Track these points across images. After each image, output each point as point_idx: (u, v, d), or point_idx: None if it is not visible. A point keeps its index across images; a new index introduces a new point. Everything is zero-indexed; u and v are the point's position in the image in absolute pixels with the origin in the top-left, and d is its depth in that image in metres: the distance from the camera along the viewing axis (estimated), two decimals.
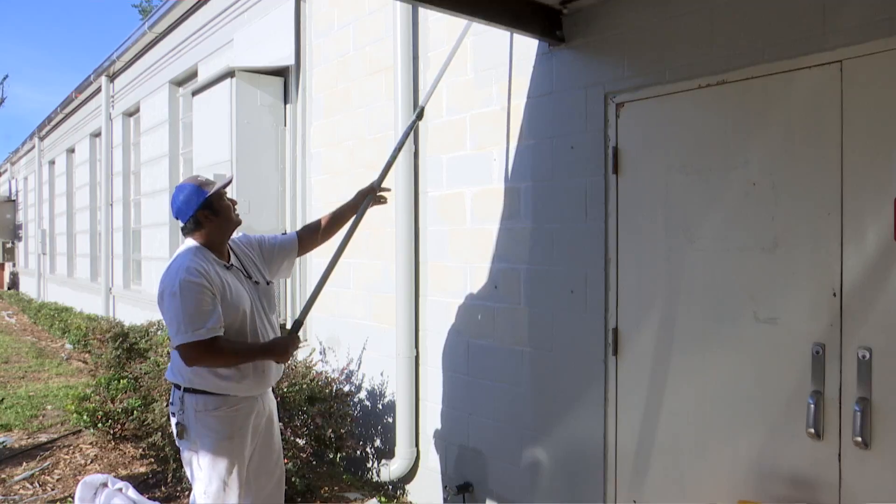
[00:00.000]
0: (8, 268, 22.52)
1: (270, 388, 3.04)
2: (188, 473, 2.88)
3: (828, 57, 2.36)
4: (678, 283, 2.84)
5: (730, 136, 2.65)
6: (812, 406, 2.38)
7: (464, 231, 3.86)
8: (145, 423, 4.40)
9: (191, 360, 2.62)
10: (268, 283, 3.02)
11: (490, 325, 3.71)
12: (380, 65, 4.45)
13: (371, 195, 3.30)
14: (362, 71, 4.65)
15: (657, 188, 2.90)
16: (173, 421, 2.84)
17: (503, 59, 3.59)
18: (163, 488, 4.30)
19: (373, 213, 4.50)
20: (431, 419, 4.15)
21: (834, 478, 2.36)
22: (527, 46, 3.44)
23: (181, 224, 2.84)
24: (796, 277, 2.46)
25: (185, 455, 2.86)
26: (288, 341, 2.85)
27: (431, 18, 4.06)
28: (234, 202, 2.93)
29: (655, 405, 2.93)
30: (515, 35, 3.34)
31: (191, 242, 2.81)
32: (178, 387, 2.81)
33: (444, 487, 4.00)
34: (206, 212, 2.77)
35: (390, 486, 4.38)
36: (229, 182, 2.94)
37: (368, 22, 4.59)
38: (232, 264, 2.86)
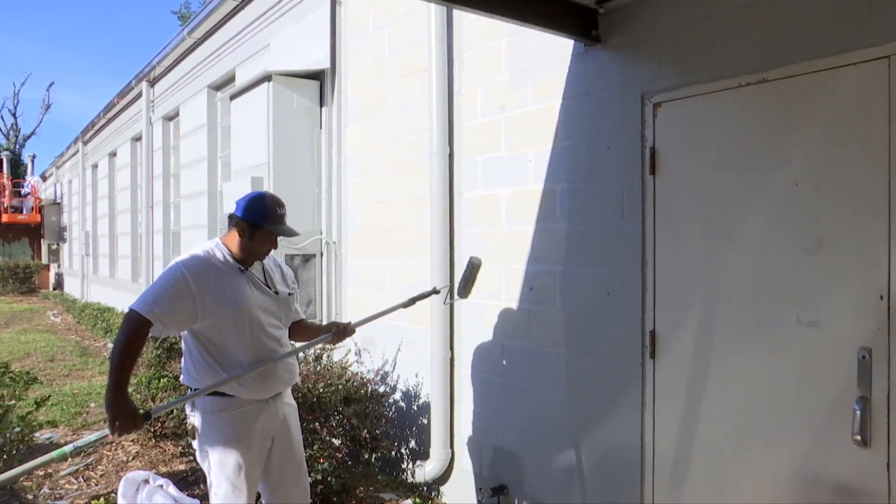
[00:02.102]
0: (53, 269, 23.17)
1: (285, 393, 3.01)
2: (203, 466, 2.92)
3: (875, 52, 2.30)
4: (717, 285, 2.79)
5: (771, 136, 2.60)
6: (858, 412, 2.32)
7: (499, 232, 3.85)
8: (184, 421, 4.48)
9: (127, 321, 2.61)
10: (290, 294, 3.03)
11: (525, 327, 3.69)
12: (414, 67, 4.46)
13: (333, 335, 3.13)
14: (397, 73, 4.67)
15: (695, 189, 2.85)
16: (188, 421, 2.88)
17: (538, 60, 3.58)
18: (201, 486, 4.37)
19: (409, 214, 4.54)
20: (466, 421, 4.14)
21: (882, 487, 2.30)
22: (562, 47, 3.42)
23: (231, 211, 2.88)
24: (841, 280, 2.40)
25: (199, 456, 2.90)
26: (124, 416, 2.52)
27: (466, 20, 4.06)
28: (273, 246, 2.90)
29: (694, 409, 2.89)
30: (550, 35, 3.32)
31: (217, 239, 2.88)
32: (190, 389, 2.86)
33: (479, 489, 3.99)
34: (247, 228, 2.79)
35: (425, 488, 4.39)
36: (286, 235, 2.89)
37: (403, 24, 4.60)
38: (246, 270, 2.86)
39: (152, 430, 5.23)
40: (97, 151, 15.77)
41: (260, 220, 2.78)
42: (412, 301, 3.45)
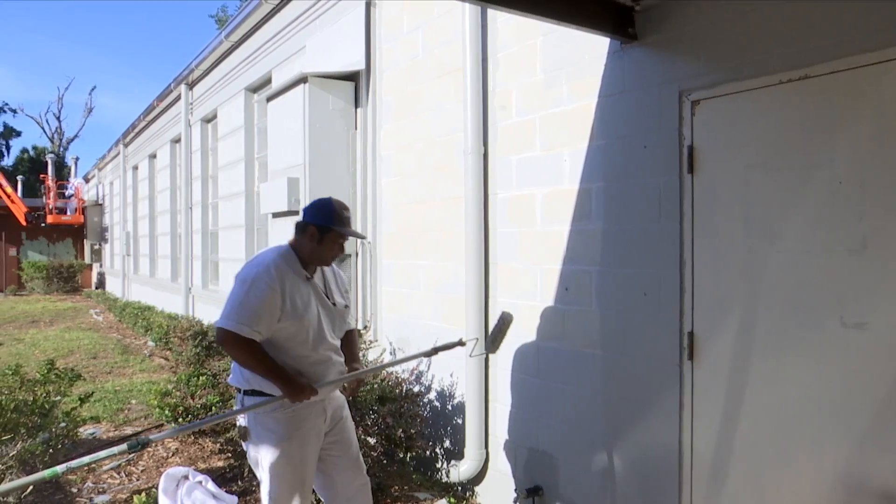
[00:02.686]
0: (96, 268, 23.74)
1: (334, 391, 3.05)
2: (257, 475, 2.95)
3: None
4: (758, 285, 2.74)
5: (813, 133, 2.54)
6: None
7: (534, 232, 3.83)
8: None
9: (222, 341, 2.71)
10: (346, 306, 3.06)
11: (560, 328, 3.67)
12: (449, 67, 4.46)
13: (352, 382, 3.15)
14: (431, 73, 4.68)
15: (735, 188, 2.80)
16: (238, 424, 2.93)
17: (573, 59, 3.55)
18: (239, 482, 4.44)
19: (443, 214, 4.55)
20: (501, 421, 4.13)
21: None
22: (597, 45, 3.39)
23: (299, 219, 2.92)
24: (888, 280, 2.34)
25: (250, 457, 2.94)
26: (307, 388, 2.75)
27: (500, 19, 4.05)
28: (341, 250, 2.95)
29: (734, 412, 2.84)
30: (586, 34, 3.30)
31: (286, 242, 2.91)
32: (239, 390, 2.90)
33: (514, 490, 3.98)
34: (316, 232, 2.83)
35: (459, 488, 4.39)
36: (354, 236, 2.99)
37: (437, 25, 4.61)
38: (311, 278, 2.90)
39: None
40: (138, 153, 16.11)
41: (328, 222, 2.82)
42: (435, 351, 3.38)
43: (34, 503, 4.26)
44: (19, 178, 26.51)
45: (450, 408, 4.53)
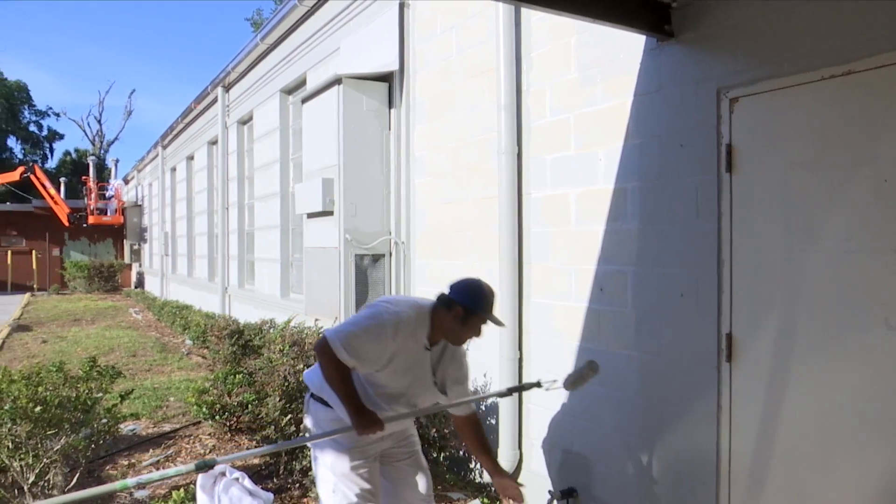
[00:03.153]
0: (135, 268, 24.22)
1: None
2: (314, 473, 3.00)
3: None
4: (799, 286, 2.68)
5: (857, 130, 2.48)
6: None
7: (568, 232, 3.80)
8: (259, 416, 4.61)
9: (320, 349, 2.70)
10: (443, 392, 2.98)
11: (595, 329, 3.64)
12: (482, 67, 4.46)
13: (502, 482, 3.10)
14: (465, 73, 4.68)
15: (775, 186, 2.75)
16: (304, 423, 3.00)
17: (608, 57, 3.52)
18: (275, 479, 4.49)
19: (477, 214, 4.54)
20: (535, 422, 4.11)
21: None
22: (633, 43, 3.35)
23: (445, 293, 2.84)
24: None
25: (312, 455, 3.00)
26: (376, 423, 2.70)
27: (534, 18, 4.03)
28: (478, 335, 2.87)
29: (774, 415, 2.79)
30: (621, 31, 3.27)
31: (427, 307, 2.84)
32: (308, 390, 2.96)
33: (549, 492, 3.96)
34: (462, 313, 2.75)
35: (492, 488, 4.37)
36: (497, 324, 2.86)
37: (471, 25, 4.61)
38: (431, 350, 2.85)
39: (228, 424, 5.40)
40: (175, 155, 16.40)
41: (478, 307, 2.76)
42: (510, 392, 3.27)
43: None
44: (62, 179, 27.15)
45: (483, 408, 4.53)
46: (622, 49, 3.42)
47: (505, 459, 4.16)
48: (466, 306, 2.75)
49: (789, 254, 2.70)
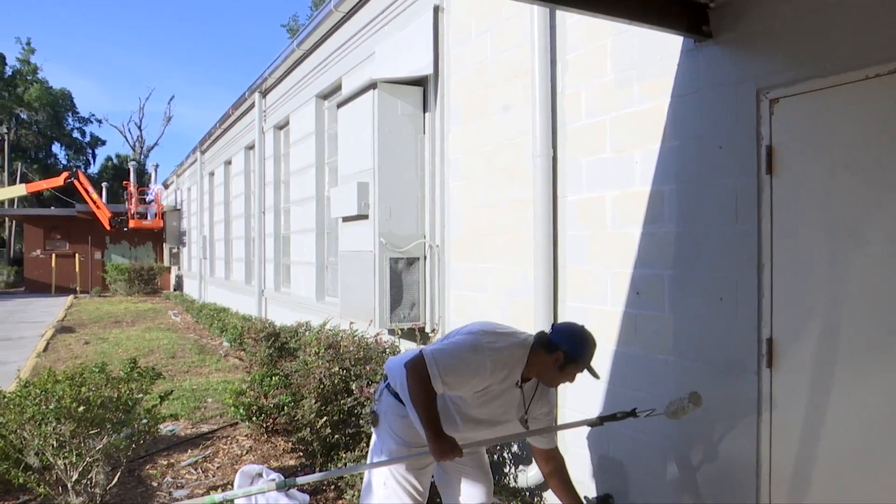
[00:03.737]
0: (174, 271, 24.69)
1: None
2: (369, 458, 3.07)
3: None
4: (842, 290, 2.62)
5: None
6: None
7: (604, 235, 3.77)
8: (295, 418, 4.66)
9: (412, 367, 2.69)
10: (526, 428, 2.96)
11: (632, 333, 3.60)
12: (517, 70, 4.45)
13: None
14: (499, 77, 4.67)
15: (817, 188, 2.69)
16: (372, 407, 3.04)
17: (645, 59, 3.49)
18: (310, 482, 4.52)
19: (512, 217, 4.53)
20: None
21: None
22: (670, 44, 3.31)
23: (547, 333, 2.85)
24: None
25: (373, 441, 3.06)
26: (454, 449, 2.68)
27: (569, 21, 4.01)
28: (572, 381, 2.87)
29: (816, 422, 2.72)
30: (658, 33, 3.23)
31: (527, 344, 2.81)
32: (385, 379, 3.01)
33: (585, 498, 3.92)
34: (563, 359, 2.73)
35: (527, 493, 4.35)
36: (593, 375, 2.81)
37: (505, 28, 4.61)
38: (522, 387, 2.84)
39: (264, 425, 5.46)
40: (214, 160, 16.67)
41: (579, 356, 2.74)
42: (601, 421, 3.10)
43: (119, 494, 4.45)
44: (104, 184, 27.86)
45: None
46: (659, 50, 3.39)
47: None
48: (568, 353, 2.72)
49: (833, 257, 2.64)
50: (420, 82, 5.66)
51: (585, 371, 2.80)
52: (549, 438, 3.03)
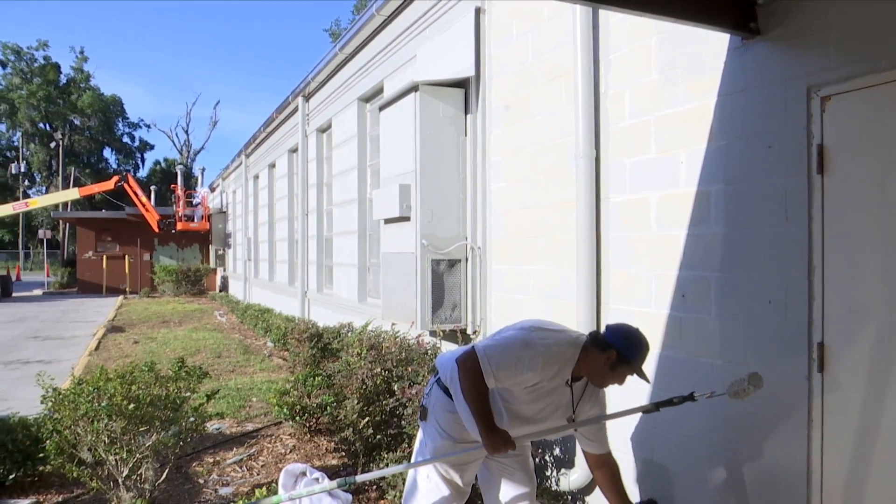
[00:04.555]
0: (220, 272, 25.18)
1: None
2: (415, 448, 3.09)
3: None
4: None
5: None
6: None
7: (648, 237, 3.72)
8: (337, 418, 4.70)
9: (463, 362, 2.72)
10: (572, 419, 2.95)
11: (676, 336, 3.54)
12: (559, 71, 4.42)
13: None
14: (541, 78, 4.65)
15: (872, 188, 2.61)
16: (421, 402, 3.07)
17: (690, 57, 3.43)
18: None
19: (554, 219, 4.50)
20: (613, 430, 4.02)
21: None
22: (716, 42, 3.25)
23: (600, 333, 2.87)
24: None
25: (420, 435, 3.09)
26: (507, 443, 2.69)
27: (613, 20, 3.97)
28: (622, 383, 2.86)
29: (870, 430, 2.64)
30: (704, 31, 3.18)
31: (578, 343, 2.80)
32: (435, 374, 3.03)
33: None
34: (615, 358, 2.72)
35: (569, 497, 4.31)
36: (642, 378, 2.82)
37: (547, 28, 4.58)
38: (572, 386, 2.84)
39: (307, 425, 5.53)
40: (258, 163, 16.95)
41: (632, 357, 2.74)
42: (656, 407, 3.01)
43: (167, 490, 4.55)
44: (152, 188, 28.55)
45: None
46: (705, 49, 3.33)
47: (581, 467, 4.10)
48: (621, 353, 2.71)
49: (887, 259, 2.56)
50: (462, 84, 5.67)
51: (635, 375, 2.77)
52: (602, 443, 3.00)
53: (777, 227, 2.97)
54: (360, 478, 2.95)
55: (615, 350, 2.71)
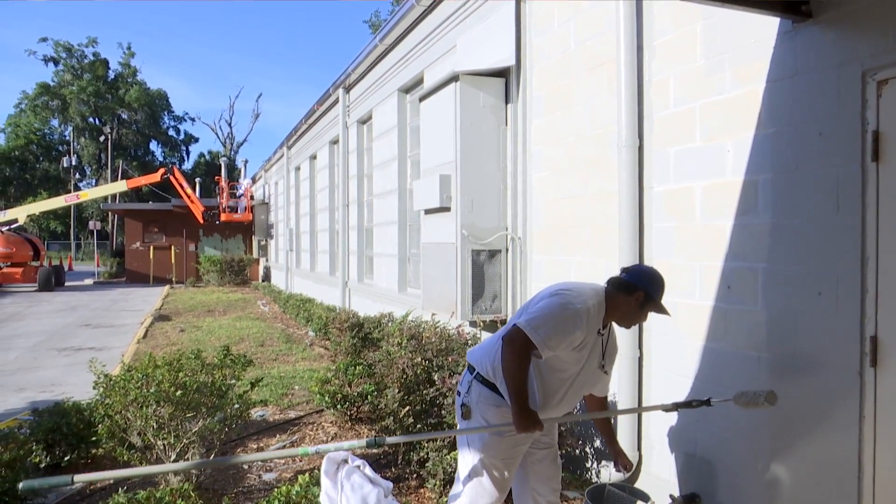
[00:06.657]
0: (262, 262, 25.56)
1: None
2: (459, 451, 3.09)
3: None
4: None
5: None
6: None
7: (693, 227, 3.65)
8: (378, 407, 4.73)
9: (511, 341, 2.74)
10: (605, 372, 3.05)
11: (721, 328, 3.47)
12: (601, 59, 4.36)
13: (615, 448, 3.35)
14: (582, 66, 4.59)
15: None
16: (458, 401, 3.07)
17: (737, 43, 3.34)
18: (393, 469, 4.60)
19: (596, 209, 4.45)
20: (655, 423, 3.98)
21: None
22: (765, 27, 3.16)
23: (621, 276, 2.94)
24: None
25: (460, 437, 3.09)
26: (536, 423, 2.73)
27: (657, 6, 3.89)
28: (646, 319, 3.04)
29: None
30: (752, 15, 3.09)
31: (602, 293, 2.90)
32: (471, 370, 3.02)
33: (670, 496, 3.82)
34: (643, 298, 2.85)
35: None
36: (665, 314, 2.93)
37: (589, 15, 4.51)
38: (603, 334, 2.93)
39: (349, 413, 5.59)
40: (299, 155, 17.13)
41: (657, 295, 2.88)
42: (676, 407, 3.18)
43: (212, 475, 4.65)
44: (197, 180, 29.04)
45: None
46: (753, 34, 3.24)
47: None
48: (648, 292, 2.84)
49: None
50: (502, 73, 5.63)
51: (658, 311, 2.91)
52: (606, 388, 3.18)
53: (828, 217, 2.88)
54: (390, 440, 2.99)
55: (642, 290, 2.84)
